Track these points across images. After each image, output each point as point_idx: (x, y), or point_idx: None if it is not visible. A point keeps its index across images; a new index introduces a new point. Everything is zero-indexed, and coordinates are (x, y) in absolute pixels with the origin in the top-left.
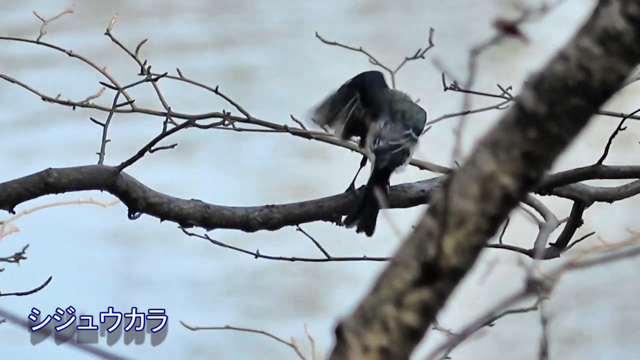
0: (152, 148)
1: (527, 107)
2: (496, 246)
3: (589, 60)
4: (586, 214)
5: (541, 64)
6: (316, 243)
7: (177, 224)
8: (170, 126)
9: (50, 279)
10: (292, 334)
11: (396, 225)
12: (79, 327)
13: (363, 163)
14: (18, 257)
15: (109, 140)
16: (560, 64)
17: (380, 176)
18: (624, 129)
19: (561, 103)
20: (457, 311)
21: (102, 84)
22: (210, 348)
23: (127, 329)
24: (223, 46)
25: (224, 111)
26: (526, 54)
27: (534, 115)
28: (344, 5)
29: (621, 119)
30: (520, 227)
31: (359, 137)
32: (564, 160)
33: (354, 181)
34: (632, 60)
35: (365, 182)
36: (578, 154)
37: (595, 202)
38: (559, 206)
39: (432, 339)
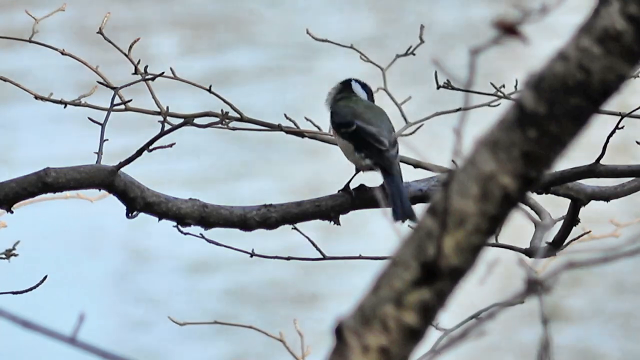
0: (150, 148)
1: (527, 107)
2: (493, 245)
3: (589, 60)
4: (583, 213)
5: (541, 64)
6: (312, 242)
7: (174, 223)
8: (167, 126)
9: (45, 277)
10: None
11: (396, 225)
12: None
13: (358, 169)
14: (9, 253)
15: (107, 140)
16: (560, 64)
17: (392, 175)
18: (622, 128)
19: (561, 103)
20: (452, 310)
21: (99, 83)
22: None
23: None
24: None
25: (222, 111)
26: (522, 51)
27: (534, 115)
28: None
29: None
30: (516, 226)
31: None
32: (562, 159)
33: (349, 182)
34: (632, 60)
35: (364, 182)
36: (575, 153)
37: (592, 201)
38: (556, 205)
39: (432, 338)
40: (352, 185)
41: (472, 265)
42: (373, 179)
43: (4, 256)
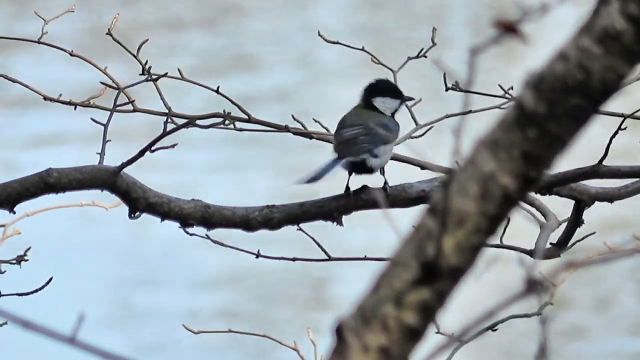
0: (153, 148)
1: (526, 106)
2: (496, 246)
3: (589, 60)
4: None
5: (541, 64)
6: (317, 243)
7: (178, 224)
8: (170, 126)
9: (50, 279)
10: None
11: (396, 225)
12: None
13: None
14: (20, 259)
15: (109, 141)
16: (560, 64)
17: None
18: (625, 129)
19: (561, 103)
20: (456, 311)
21: (103, 83)
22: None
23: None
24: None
25: (224, 111)
26: (528, 53)
27: (534, 115)
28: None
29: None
30: (521, 227)
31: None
32: (564, 160)
33: (348, 182)
34: (632, 60)
35: (363, 183)
36: (578, 154)
37: (596, 202)
38: (560, 206)
39: (432, 339)
40: (354, 187)
41: (472, 265)
42: (374, 180)
43: (14, 262)
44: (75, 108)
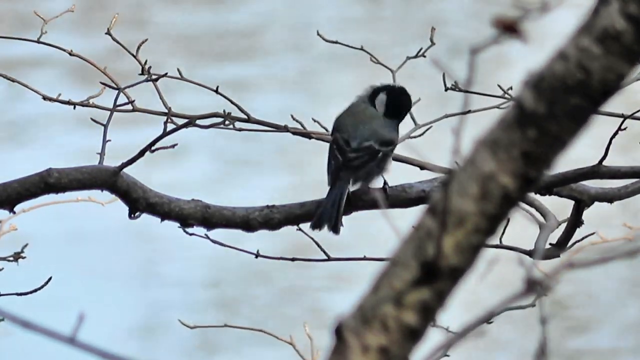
0: (153, 148)
1: (526, 106)
2: (496, 246)
3: (589, 59)
4: (586, 214)
5: (541, 64)
6: (316, 243)
7: (178, 224)
8: (170, 126)
9: (50, 279)
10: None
11: (396, 225)
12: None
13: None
14: (17, 256)
15: (109, 141)
16: (560, 64)
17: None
18: (625, 129)
19: (561, 103)
20: (457, 311)
21: (103, 84)
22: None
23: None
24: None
25: (224, 111)
26: (528, 53)
27: (534, 115)
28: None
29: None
30: (520, 228)
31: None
32: (565, 160)
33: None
34: (632, 59)
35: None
36: (578, 154)
37: (596, 203)
38: (560, 206)
39: (432, 338)
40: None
41: (471, 264)
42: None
43: (11, 259)
44: (74, 107)
